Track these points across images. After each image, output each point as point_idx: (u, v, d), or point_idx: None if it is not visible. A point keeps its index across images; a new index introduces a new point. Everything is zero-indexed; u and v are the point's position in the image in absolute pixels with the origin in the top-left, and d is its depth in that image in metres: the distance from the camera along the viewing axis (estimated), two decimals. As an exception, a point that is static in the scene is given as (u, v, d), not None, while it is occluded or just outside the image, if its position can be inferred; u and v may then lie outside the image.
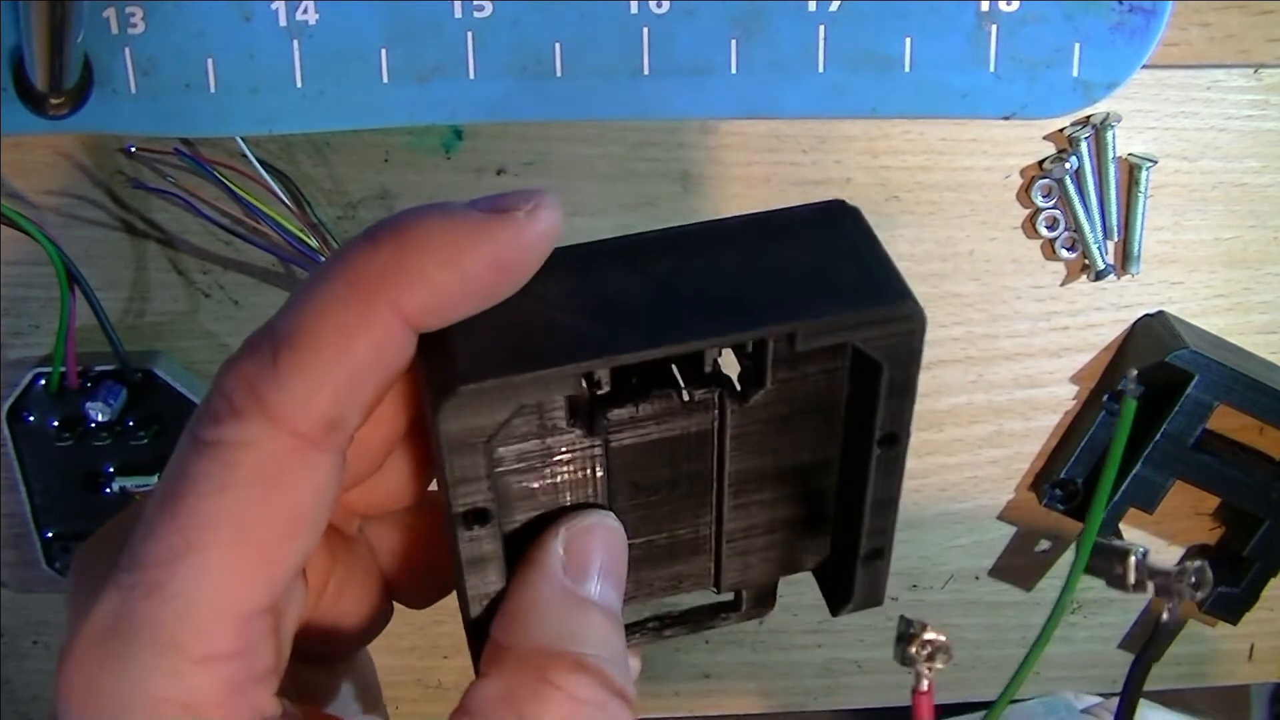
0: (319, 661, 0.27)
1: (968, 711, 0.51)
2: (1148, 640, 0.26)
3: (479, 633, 0.25)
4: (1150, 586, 0.26)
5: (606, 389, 0.24)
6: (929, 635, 0.27)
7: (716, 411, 0.25)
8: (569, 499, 0.25)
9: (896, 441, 0.25)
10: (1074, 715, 0.44)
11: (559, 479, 0.25)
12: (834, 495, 0.27)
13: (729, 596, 0.29)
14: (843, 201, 0.25)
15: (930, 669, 0.27)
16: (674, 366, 0.25)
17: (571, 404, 0.24)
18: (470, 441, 0.23)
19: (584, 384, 0.24)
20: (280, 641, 0.23)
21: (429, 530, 0.27)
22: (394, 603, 0.28)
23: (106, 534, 0.24)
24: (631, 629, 0.28)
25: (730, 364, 0.25)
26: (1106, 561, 0.26)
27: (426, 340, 0.22)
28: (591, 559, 0.25)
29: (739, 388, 0.25)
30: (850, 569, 0.27)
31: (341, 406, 0.22)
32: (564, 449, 0.25)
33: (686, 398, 0.25)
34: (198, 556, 0.21)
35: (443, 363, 0.22)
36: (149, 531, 0.21)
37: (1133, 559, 0.26)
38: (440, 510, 0.25)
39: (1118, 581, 0.26)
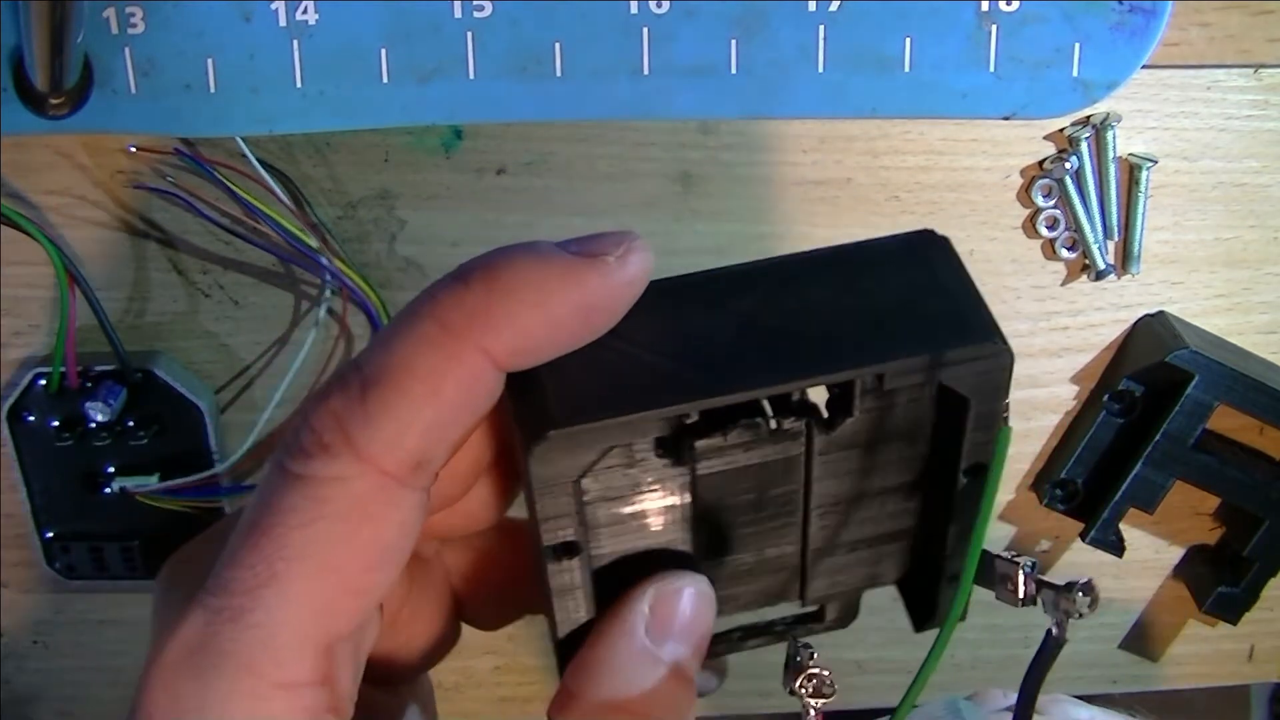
0: (385, 683, 0.27)
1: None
2: (1036, 653, 0.26)
3: (567, 655, 0.25)
4: (1040, 601, 0.25)
5: (694, 419, 0.24)
6: (813, 669, 0.26)
7: (804, 439, 0.25)
8: (657, 525, 0.25)
9: (983, 471, 0.25)
10: (977, 718, 0.44)
11: (646, 506, 0.25)
12: (917, 514, 0.27)
13: (813, 608, 0.29)
14: (931, 231, 0.25)
15: (815, 704, 0.26)
16: None
17: (659, 438, 0.24)
18: (560, 481, 0.23)
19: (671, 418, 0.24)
20: (356, 669, 0.23)
21: (505, 553, 0.28)
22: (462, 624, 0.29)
23: (193, 549, 0.24)
24: (716, 640, 0.27)
25: (817, 391, 0.25)
26: (997, 575, 0.26)
27: (515, 378, 0.22)
28: (675, 622, 0.25)
29: (826, 416, 0.25)
30: (934, 588, 0.27)
31: (429, 446, 0.22)
32: (651, 478, 0.25)
33: (774, 426, 0.25)
34: (282, 586, 0.21)
35: (532, 404, 0.22)
36: (234, 558, 0.22)
37: (1021, 573, 0.25)
38: (523, 537, 0.25)
39: (1008, 596, 0.26)
